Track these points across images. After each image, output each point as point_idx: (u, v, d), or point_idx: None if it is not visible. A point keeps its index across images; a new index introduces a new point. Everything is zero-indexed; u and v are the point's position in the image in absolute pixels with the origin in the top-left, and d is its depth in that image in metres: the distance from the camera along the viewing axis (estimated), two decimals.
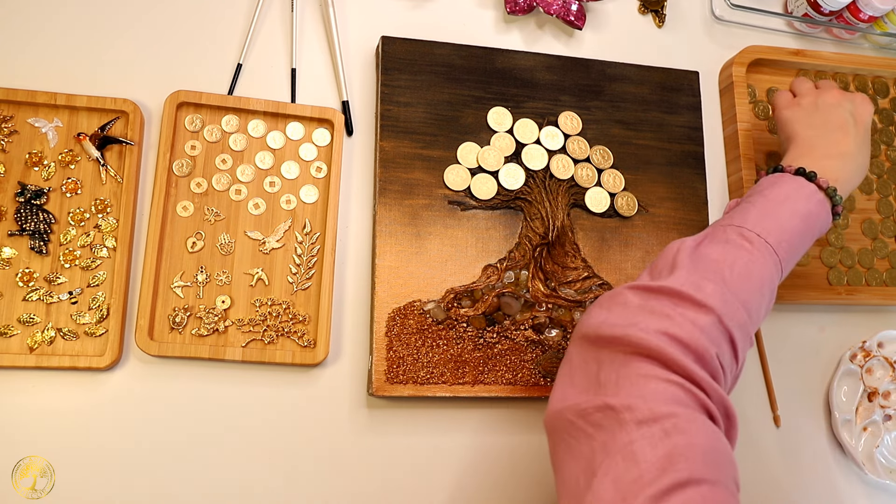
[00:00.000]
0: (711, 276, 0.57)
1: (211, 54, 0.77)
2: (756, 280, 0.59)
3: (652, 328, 0.53)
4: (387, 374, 0.70)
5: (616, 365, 0.52)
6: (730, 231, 0.61)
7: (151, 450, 0.68)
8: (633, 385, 0.50)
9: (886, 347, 0.86)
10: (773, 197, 0.64)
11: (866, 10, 0.91)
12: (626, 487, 0.45)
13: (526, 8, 0.84)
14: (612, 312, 0.56)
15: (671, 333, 0.52)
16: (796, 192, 0.64)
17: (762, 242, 0.60)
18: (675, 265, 0.58)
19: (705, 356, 0.53)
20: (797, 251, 0.63)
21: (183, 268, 0.71)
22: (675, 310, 0.54)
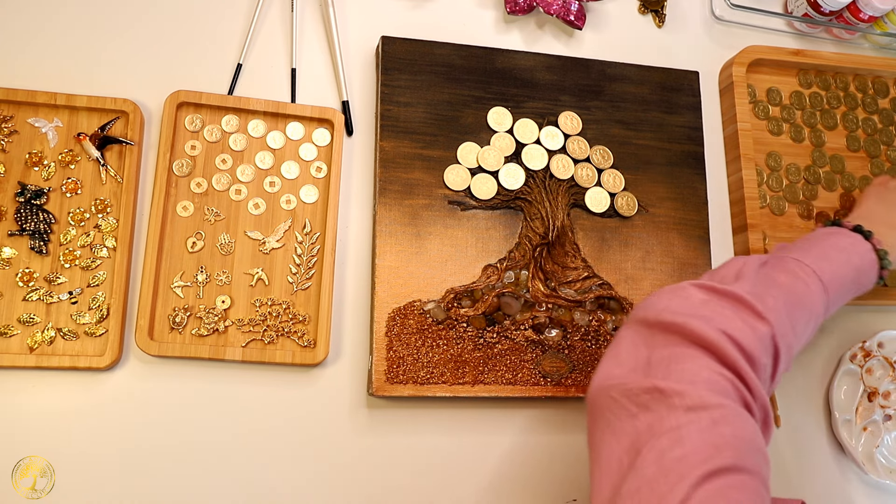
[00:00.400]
0: (774, 293, 0.60)
1: (211, 54, 0.77)
2: (807, 311, 0.62)
3: (713, 324, 0.54)
4: (387, 374, 0.70)
5: (670, 350, 0.54)
6: (790, 262, 0.65)
7: (151, 450, 0.68)
8: (685, 372, 0.52)
9: (886, 347, 0.86)
10: (830, 244, 0.69)
11: (866, 10, 0.91)
12: (672, 467, 0.46)
13: (526, 8, 0.84)
14: (673, 302, 0.57)
15: (730, 333, 0.54)
16: (852, 247, 0.69)
17: (817, 280, 0.64)
18: (741, 276, 0.60)
19: (757, 362, 0.54)
20: (841, 298, 0.68)
21: (183, 268, 0.71)
22: (736, 313, 0.56)
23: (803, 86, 0.93)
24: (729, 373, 0.52)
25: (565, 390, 0.74)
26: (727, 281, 0.60)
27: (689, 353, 0.53)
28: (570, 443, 0.77)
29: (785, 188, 0.88)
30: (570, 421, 0.77)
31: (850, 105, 0.94)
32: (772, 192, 0.88)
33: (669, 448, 0.47)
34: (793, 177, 0.89)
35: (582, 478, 0.76)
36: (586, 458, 0.76)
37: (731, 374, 0.52)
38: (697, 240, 0.82)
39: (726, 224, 0.87)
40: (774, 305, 0.58)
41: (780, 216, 0.88)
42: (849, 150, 0.92)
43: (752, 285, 0.59)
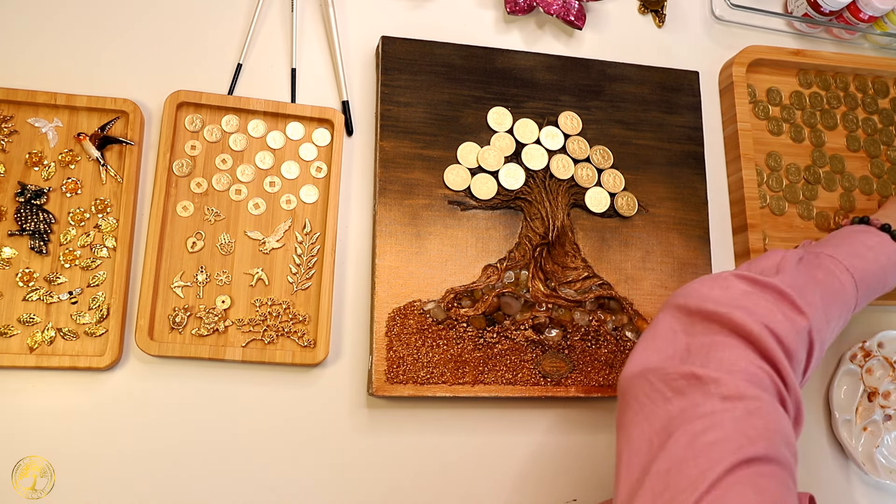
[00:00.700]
0: (812, 288, 0.60)
1: (211, 54, 0.77)
2: (841, 307, 0.63)
3: (755, 316, 0.55)
4: (387, 374, 0.70)
5: (710, 339, 0.54)
6: (825, 258, 0.66)
7: (151, 449, 0.68)
8: (723, 361, 0.52)
9: (886, 347, 0.86)
10: (860, 241, 0.69)
11: (866, 10, 0.91)
12: (703, 451, 0.47)
13: (526, 8, 0.84)
14: (714, 291, 0.58)
15: (771, 326, 0.54)
16: (881, 245, 0.70)
17: (850, 277, 0.65)
18: (781, 269, 0.61)
19: (794, 356, 0.55)
20: (869, 297, 0.69)
21: (183, 268, 0.71)
22: (777, 306, 0.56)
23: (803, 86, 0.93)
24: (767, 366, 0.53)
25: (565, 390, 0.74)
26: (768, 273, 0.60)
27: (729, 343, 0.53)
28: (571, 443, 0.77)
29: (785, 188, 0.88)
30: (571, 421, 0.77)
31: (850, 105, 0.94)
32: (772, 192, 0.88)
33: (702, 433, 0.48)
34: (793, 177, 0.89)
35: (582, 478, 0.76)
36: (586, 458, 0.77)
37: (769, 367, 0.53)
38: (697, 240, 0.82)
39: (726, 224, 0.87)
40: (813, 301, 0.59)
41: (780, 216, 0.88)
42: (849, 150, 0.92)
43: (793, 279, 0.60)
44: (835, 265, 0.65)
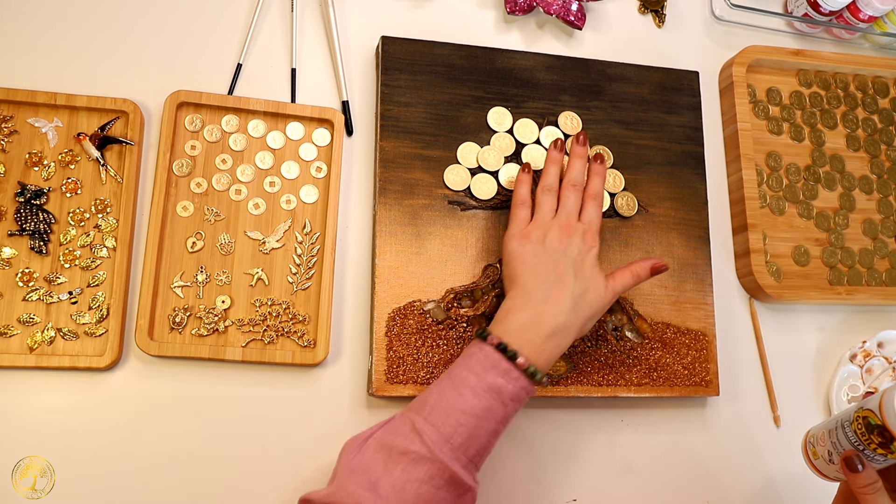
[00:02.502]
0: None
1: (211, 54, 0.77)
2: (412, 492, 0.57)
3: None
4: (387, 374, 0.70)
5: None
6: (404, 423, 0.60)
7: (151, 450, 0.68)
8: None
9: (886, 347, 0.86)
10: (466, 386, 0.61)
11: (866, 10, 0.91)
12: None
13: (526, 8, 0.84)
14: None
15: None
16: (497, 395, 0.61)
17: (433, 439, 0.58)
18: (334, 474, 0.59)
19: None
20: (481, 429, 0.60)
21: (183, 268, 0.71)
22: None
23: (803, 86, 0.93)
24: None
25: (565, 390, 0.74)
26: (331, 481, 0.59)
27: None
28: (570, 443, 0.77)
29: (785, 188, 0.88)
30: (570, 421, 0.77)
31: (850, 105, 0.94)
32: (772, 192, 0.88)
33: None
34: (793, 177, 0.89)
35: (582, 478, 0.76)
36: (586, 457, 0.77)
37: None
38: (697, 240, 0.82)
39: (726, 224, 0.87)
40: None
41: (780, 216, 0.88)
42: (849, 150, 0.93)
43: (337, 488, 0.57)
44: (413, 431, 0.59)
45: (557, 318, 0.64)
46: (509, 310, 0.65)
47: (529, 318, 0.64)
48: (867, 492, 0.61)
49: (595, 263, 0.69)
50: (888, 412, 0.59)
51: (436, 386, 0.62)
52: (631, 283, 0.71)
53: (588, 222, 0.71)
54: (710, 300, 0.81)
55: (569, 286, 0.66)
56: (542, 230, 0.69)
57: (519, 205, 0.72)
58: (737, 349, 0.84)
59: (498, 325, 0.64)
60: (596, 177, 0.74)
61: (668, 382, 0.77)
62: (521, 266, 0.67)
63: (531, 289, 0.66)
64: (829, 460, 0.65)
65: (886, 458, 0.61)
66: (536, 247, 0.68)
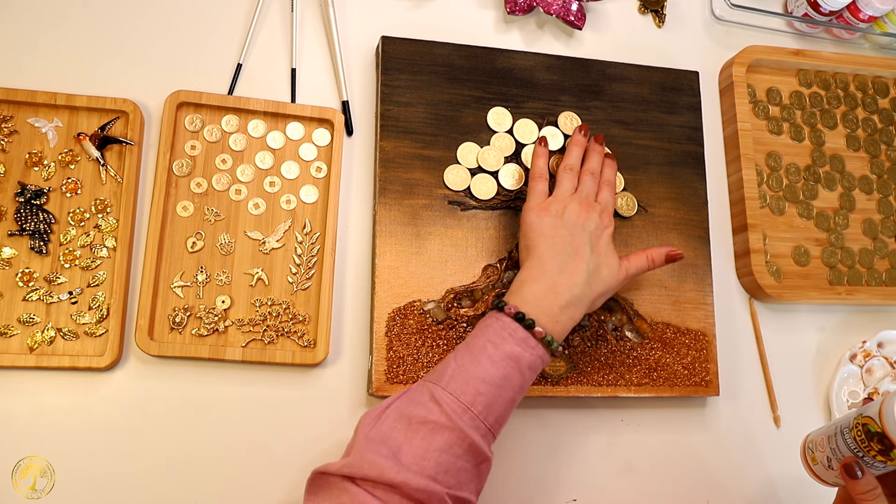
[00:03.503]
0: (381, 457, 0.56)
1: (211, 54, 0.77)
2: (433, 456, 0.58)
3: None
4: (387, 374, 0.70)
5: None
6: (422, 393, 0.60)
7: (151, 450, 0.68)
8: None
9: (886, 347, 0.86)
10: (486, 355, 0.61)
11: (866, 10, 0.91)
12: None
13: (526, 8, 0.84)
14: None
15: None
16: (514, 362, 0.62)
17: (453, 408, 0.59)
18: (351, 445, 0.59)
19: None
20: (499, 398, 0.61)
21: (183, 268, 0.71)
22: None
23: (803, 86, 0.93)
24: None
25: (565, 390, 0.74)
26: (346, 453, 0.59)
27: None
28: (570, 443, 0.77)
29: (785, 188, 0.88)
30: (570, 421, 0.77)
31: (850, 105, 0.94)
32: (772, 192, 0.88)
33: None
34: (793, 177, 0.89)
35: (582, 478, 0.76)
36: (586, 457, 0.77)
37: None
38: (697, 240, 0.82)
39: (726, 224, 0.87)
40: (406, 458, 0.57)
41: (780, 216, 0.88)
42: (849, 150, 0.93)
43: (360, 454, 0.57)
44: (432, 399, 0.59)
45: (572, 289, 0.65)
46: (524, 280, 0.66)
47: (545, 289, 0.65)
48: (866, 498, 0.61)
49: (610, 242, 0.70)
50: (888, 420, 0.59)
51: (453, 356, 0.62)
52: (645, 267, 0.72)
53: (605, 203, 0.72)
54: (710, 300, 0.81)
55: (584, 259, 0.67)
56: (561, 204, 0.70)
57: (537, 177, 0.73)
58: (737, 349, 0.84)
59: (514, 296, 0.65)
60: (609, 168, 0.76)
61: (668, 382, 0.77)
62: (538, 238, 0.68)
63: (547, 260, 0.67)
64: (829, 466, 0.65)
65: (886, 465, 0.61)
66: (555, 220, 0.69)
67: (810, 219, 0.89)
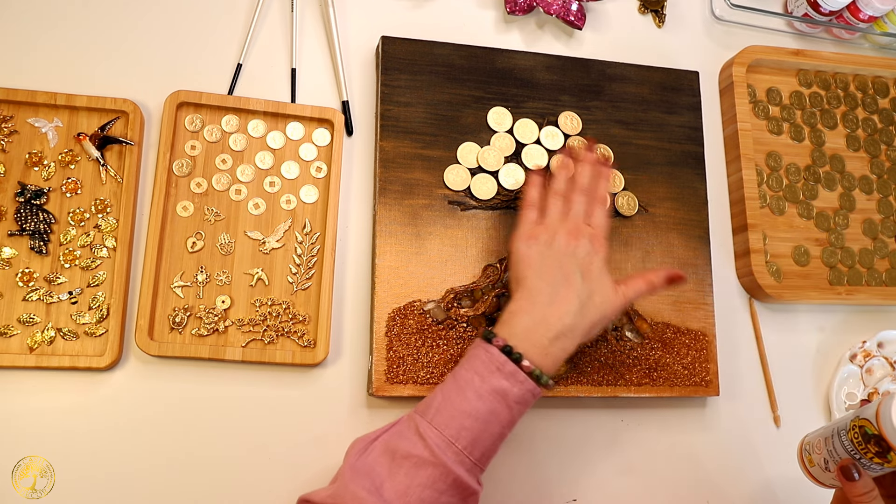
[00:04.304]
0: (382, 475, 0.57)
1: (211, 54, 0.77)
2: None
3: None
4: (387, 374, 0.70)
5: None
6: (409, 426, 0.60)
7: (151, 450, 0.68)
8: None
9: (886, 347, 0.86)
10: (471, 389, 0.60)
11: (866, 10, 0.91)
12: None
13: (526, 8, 0.84)
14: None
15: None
16: (501, 399, 0.61)
17: (437, 443, 0.58)
18: (339, 474, 0.59)
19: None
20: (485, 433, 0.60)
21: (183, 268, 0.71)
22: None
23: (803, 85, 0.93)
24: None
25: (565, 390, 0.74)
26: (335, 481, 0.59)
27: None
28: (570, 443, 0.77)
29: (785, 188, 0.88)
30: (570, 421, 0.77)
31: (850, 105, 0.94)
32: (772, 192, 0.88)
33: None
34: (793, 177, 0.89)
35: (582, 478, 0.76)
36: (586, 457, 0.77)
37: None
38: (697, 240, 0.82)
39: (726, 224, 0.87)
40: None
41: (780, 216, 0.88)
42: (849, 150, 0.93)
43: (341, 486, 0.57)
44: (417, 434, 0.58)
45: (563, 320, 0.64)
46: (514, 312, 0.65)
47: (535, 321, 0.64)
48: (864, 500, 0.61)
49: (603, 267, 0.68)
50: (885, 422, 0.59)
51: (441, 388, 0.62)
52: (645, 290, 0.69)
53: (597, 227, 0.70)
54: (710, 300, 0.81)
55: (575, 288, 0.65)
56: (550, 232, 0.68)
57: (528, 206, 0.71)
58: (737, 349, 0.84)
59: (503, 327, 0.64)
60: (602, 181, 0.73)
61: (668, 382, 0.77)
62: (527, 269, 0.67)
63: (537, 291, 0.65)
64: (826, 468, 0.65)
65: (883, 467, 0.61)
66: (543, 248, 0.67)
67: (810, 219, 0.89)
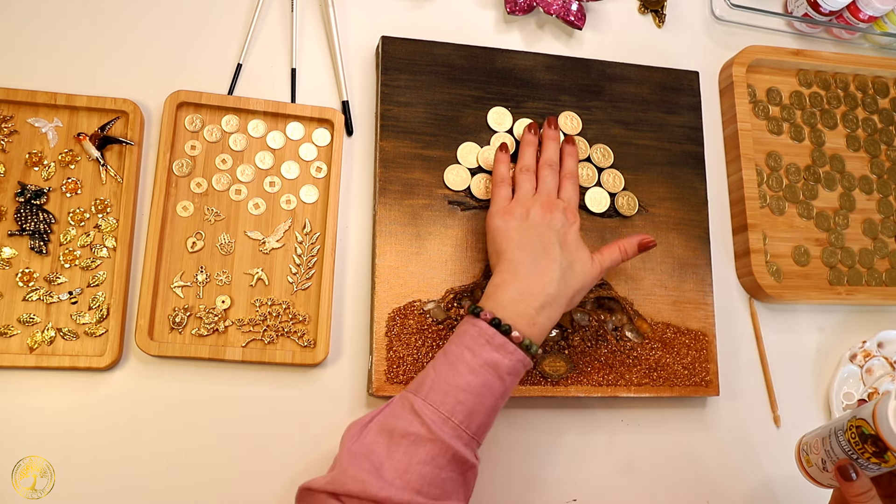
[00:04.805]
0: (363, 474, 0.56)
1: (211, 54, 0.77)
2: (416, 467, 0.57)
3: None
4: (387, 374, 0.70)
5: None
6: (403, 405, 0.60)
7: (151, 449, 0.68)
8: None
9: (886, 347, 0.86)
10: (463, 363, 0.61)
11: (866, 10, 0.91)
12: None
13: (526, 8, 0.84)
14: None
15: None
16: (493, 369, 0.61)
17: (433, 419, 0.58)
18: (337, 459, 0.60)
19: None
20: (480, 406, 0.61)
21: (183, 268, 0.71)
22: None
23: (803, 85, 0.93)
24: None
25: (565, 390, 0.74)
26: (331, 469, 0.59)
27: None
28: (570, 443, 0.77)
29: (785, 188, 0.88)
30: (570, 421, 0.77)
31: (850, 105, 0.94)
32: (772, 192, 0.88)
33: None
34: (793, 177, 0.89)
35: (582, 478, 0.76)
36: (586, 457, 0.77)
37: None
38: (697, 240, 0.82)
39: (726, 224, 0.87)
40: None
41: (780, 216, 0.88)
42: (849, 150, 0.93)
43: (342, 471, 0.57)
44: (413, 412, 0.59)
45: (547, 289, 0.65)
46: (498, 285, 0.65)
47: (520, 292, 0.64)
48: (861, 500, 0.61)
49: (578, 237, 0.70)
50: (881, 422, 0.59)
51: (432, 365, 0.62)
52: (619, 258, 0.72)
53: (567, 199, 0.72)
54: (710, 300, 0.81)
55: (556, 257, 0.66)
56: (524, 206, 0.70)
57: (499, 183, 0.73)
58: (737, 349, 0.84)
59: (489, 301, 0.65)
60: (569, 157, 0.75)
61: (668, 382, 0.77)
62: (506, 241, 0.68)
63: (518, 262, 0.66)
64: (823, 468, 0.65)
65: (880, 467, 0.61)
66: (520, 222, 0.68)
67: (810, 219, 0.89)
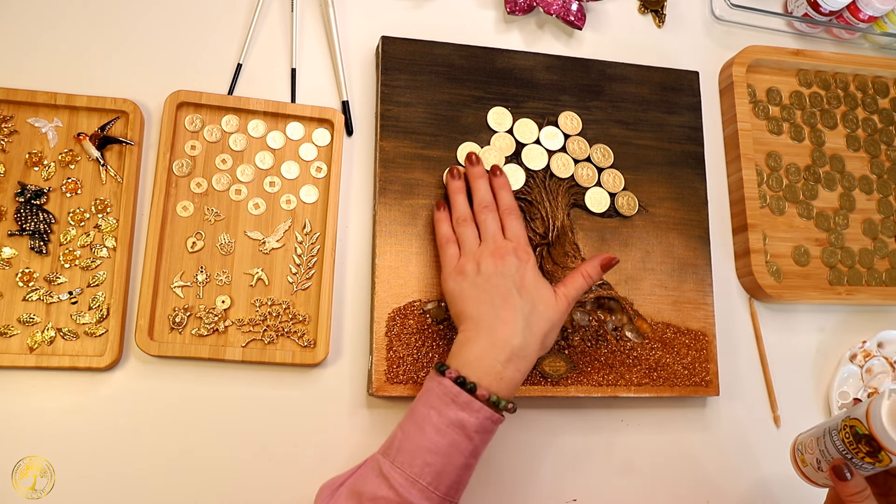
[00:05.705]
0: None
1: (211, 54, 0.77)
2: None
3: None
4: (387, 374, 0.70)
5: None
6: (373, 468, 0.60)
7: (151, 449, 0.68)
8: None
9: (886, 347, 0.86)
10: (430, 425, 0.60)
11: (866, 10, 0.91)
12: None
13: (526, 8, 0.84)
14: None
15: None
16: (460, 430, 0.60)
17: (401, 483, 0.58)
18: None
19: None
20: (449, 466, 0.60)
21: (183, 268, 0.71)
22: None
23: (803, 85, 0.93)
24: None
25: (565, 390, 0.74)
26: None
27: None
28: (570, 443, 0.77)
29: (785, 188, 0.88)
30: (570, 421, 0.77)
31: (850, 105, 0.94)
32: (772, 192, 0.88)
33: None
34: (793, 177, 0.89)
35: (582, 478, 0.76)
36: (586, 457, 0.77)
37: None
38: (697, 240, 0.82)
39: (726, 224, 0.87)
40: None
41: (780, 216, 0.88)
42: (849, 150, 0.93)
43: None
44: (381, 475, 0.58)
45: (511, 341, 0.63)
46: (462, 342, 0.64)
47: (484, 347, 0.63)
48: (856, 500, 0.61)
49: (537, 275, 0.67)
50: (875, 422, 0.59)
51: (400, 426, 0.62)
52: (583, 285, 0.69)
53: (515, 237, 0.69)
54: (710, 300, 0.81)
55: (516, 305, 0.64)
56: (473, 261, 0.67)
57: (445, 244, 0.71)
58: (737, 349, 0.84)
59: (454, 359, 0.63)
60: (502, 191, 0.73)
61: (668, 382, 0.77)
62: (463, 302, 0.66)
63: (479, 319, 0.64)
64: (818, 468, 0.65)
65: (874, 466, 0.61)
66: (474, 278, 0.66)
67: (810, 219, 0.89)
